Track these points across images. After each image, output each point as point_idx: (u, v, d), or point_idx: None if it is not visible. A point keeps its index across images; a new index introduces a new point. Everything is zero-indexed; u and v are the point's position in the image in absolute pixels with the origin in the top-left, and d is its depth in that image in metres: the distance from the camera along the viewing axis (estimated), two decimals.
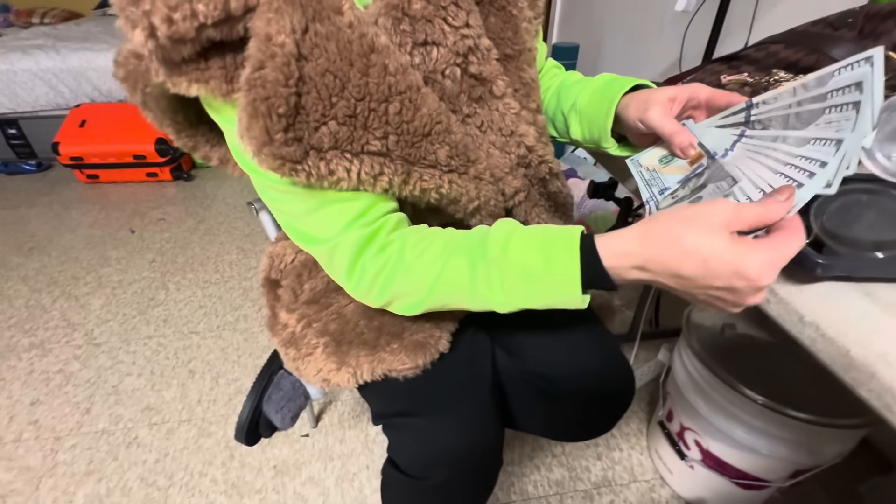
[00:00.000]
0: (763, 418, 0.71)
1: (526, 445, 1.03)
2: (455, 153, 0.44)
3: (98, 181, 2.19)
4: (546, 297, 0.38)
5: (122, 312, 1.42)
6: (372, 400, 0.58)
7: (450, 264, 0.41)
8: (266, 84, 0.33)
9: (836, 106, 0.36)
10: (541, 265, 0.37)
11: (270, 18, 0.32)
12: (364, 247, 0.43)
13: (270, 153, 0.35)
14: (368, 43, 0.36)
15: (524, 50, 0.50)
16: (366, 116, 0.38)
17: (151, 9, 0.30)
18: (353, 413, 1.11)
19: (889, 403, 0.29)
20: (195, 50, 0.33)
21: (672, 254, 0.32)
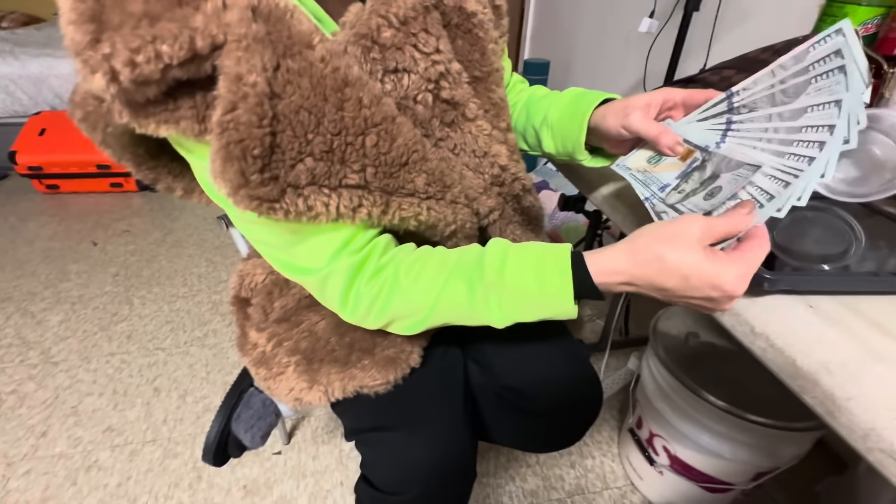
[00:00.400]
0: (725, 423, 0.74)
1: (501, 456, 1.03)
2: (432, 180, 0.44)
3: (58, 191, 2.10)
4: (541, 312, 0.41)
5: (83, 329, 1.36)
6: (344, 416, 0.57)
7: (448, 287, 0.42)
8: (239, 126, 0.32)
9: (821, 74, 0.37)
10: (536, 286, 0.40)
11: (240, 57, 0.31)
12: (356, 274, 0.43)
13: (246, 194, 0.34)
14: (342, 77, 0.36)
15: (492, 71, 0.50)
16: (343, 151, 0.37)
17: (112, 52, 0.28)
18: (326, 428, 1.09)
19: (831, 410, 0.32)
20: (161, 90, 0.31)
21: (656, 272, 0.36)
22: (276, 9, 0.32)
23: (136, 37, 0.28)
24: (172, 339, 1.33)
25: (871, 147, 0.49)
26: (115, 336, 1.34)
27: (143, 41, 0.28)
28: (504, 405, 0.58)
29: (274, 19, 0.32)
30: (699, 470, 0.83)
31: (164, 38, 0.29)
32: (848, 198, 0.50)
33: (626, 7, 1.56)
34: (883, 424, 0.29)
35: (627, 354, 1.28)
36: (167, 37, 0.29)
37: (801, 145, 0.38)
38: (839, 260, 0.43)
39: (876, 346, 0.33)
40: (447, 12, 0.46)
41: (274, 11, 0.32)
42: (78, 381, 1.19)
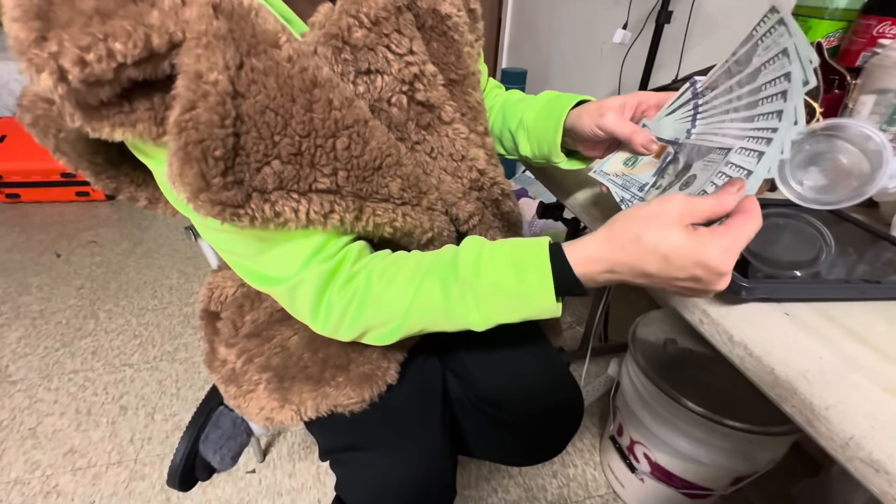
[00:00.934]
0: (703, 429, 0.75)
1: (482, 467, 1.02)
2: (407, 185, 0.43)
3: (19, 201, 2.01)
4: (522, 311, 0.38)
5: (44, 345, 1.29)
6: (319, 435, 0.55)
7: (422, 290, 0.39)
8: (199, 126, 0.30)
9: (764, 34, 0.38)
10: (514, 281, 0.37)
11: (200, 54, 0.29)
12: (328, 282, 0.40)
13: (208, 199, 0.32)
14: (310, 77, 0.35)
15: (468, 74, 0.50)
16: (312, 153, 0.36)
17: (59, 50, 0.26)
18: (303, 444, 1.06)
19: (810, 418, 0.31)
20: (115, 92, 0.29)
21: (635, 254, 0.33)
22: (238, 6, 0.31)
23: (87, 34, 0.27)
24: (141, 355, 1.27)
25: (838, 156, 0.50)
26: (79, 352, 1.27)
27: (94, 38, 0.27)
28: (484, 418, 0.57)
29: (237, 17, 0.31)
30: (679, 476, 0.83)
31: (118, 36, 0.27)
32: (817, 205, 0.51)
33: (601, 18, 1.59)
34: (861, 433, 0.28)
35: (608, 361, 1.29)
36: (120, 34, 0.27)
37: (765, 103, 0.37)
38: (810, 266, 0.44)
39: (852, 354, 0.33)
40: (421, 14, 0.45)
41: (237, 9, 0.31)
42: (37, 400, 1.13)
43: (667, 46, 1.24)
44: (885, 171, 0.46)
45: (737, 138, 0.39)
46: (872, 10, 0.61)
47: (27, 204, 2.02)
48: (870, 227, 0.50)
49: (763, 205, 0.53)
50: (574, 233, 1.15)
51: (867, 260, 0.46)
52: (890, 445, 0.27)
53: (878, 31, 0.61)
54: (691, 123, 0.45)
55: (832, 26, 0.66)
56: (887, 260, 0.45)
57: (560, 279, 0.36)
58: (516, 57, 2.33)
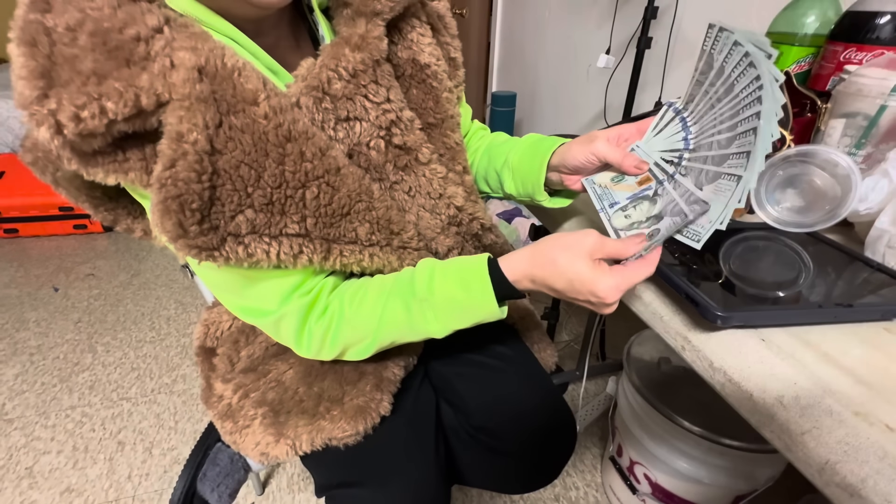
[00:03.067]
0: (701, 448, 0.75)
1: (483, 493, 1.01)
2: (377, 228, 0.45)
3: (17, 236, 2.02)
4: (473, 317, 0.45)
5: (41, 381, 1.29)
6: (314, 470, 0.55)
7: (388, 309, 0.45)
8: (178, 182, 0.33)
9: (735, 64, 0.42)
10: (463, 294, 0.43)
11: (182, 116, 0.32)
12: (307, 314, 0.45)
13: (185, 244, 0.35)
14: (284, 133, 0.37)
15: (446, 117, 0.52)
16: (283, 203, 0.39)
17: (58, 107, 0.29)
18: (302, 475, 1.05)
19: (788, 444, 0.32)
20: (107, 142, 0.32)
21: (549, 273, 0.41)
22: (222, 69, 0.34)
23: (83, 94, 0.29)
24: (138, 388, 1.27)
25: (813, 178, 0.52)
26: (76, 387, 1.27)
27: (89, 97, 0.29)
28: (478, 447, 0.57)
29: (220, 78, 0.34)
30: (680, 497, 0.83)
31: (110, 96, 0.30)
32: (794, 228, 0.52)
33: (585, 43, 1.64)
34: (836, 458, 0.29)
35: (606, 379, 1.29)
36: (112, 94, 0.30)
37: (745, 110, 0.40)
38: (791, 287, 0.45)
39: (825, 379, 0.34)
40: (401, 65, 0.49)
41: (220, 71, 0.34)
42: (34, 438, 1.12)
43: (649, 69, 1.28)
44: (854, 195, 0.48)
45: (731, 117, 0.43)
46: (839, 37, 0.64)
47: (25, 238, 2.03)
48: (844, 248, 0.51)
49: (742, 228, 0.55)
50: None
51: (844, 280, 0.48)
52: (862, 470, 0.28)
53: (844, 56, 0.64)
54: (685, 131, 0.48)
55: (802, 52, 0.69)
56: (862, 280, 0.46)
57: (499, 287, 0.43)
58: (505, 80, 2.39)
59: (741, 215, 0.60)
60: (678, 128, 0.49)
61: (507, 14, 2.26)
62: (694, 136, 0.48)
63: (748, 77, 0.40)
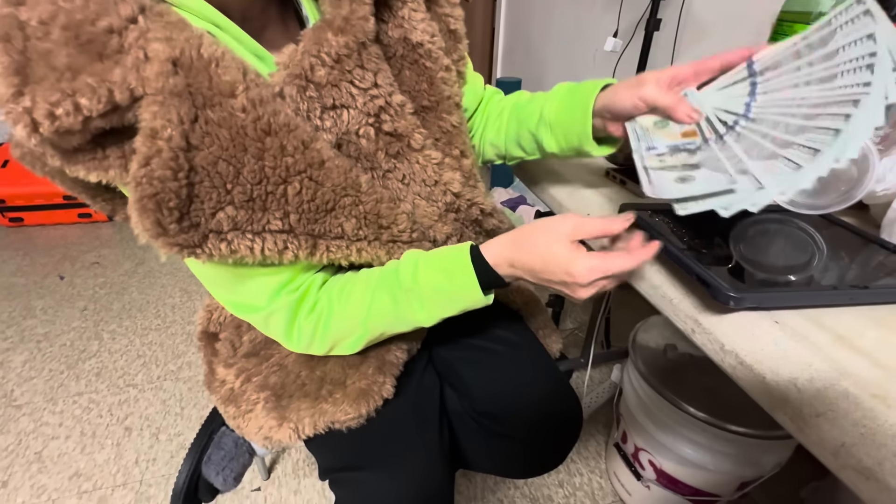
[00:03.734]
0: (707, 434, 0.74)
1: (488, 479, 1.01)
2: (364, 223, 0.44)
3: (22, 224, 2.03)
4: (458, 305, 0.45)
5: (48, 368, 1.30)
6: (318, 454, 0.55)
7: (375, 301, 0.45)
8: (153, 181, 0.32)
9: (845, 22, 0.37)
10: (446, 282, 0.43)
11: (156, 112, 0.31)
12: (297, 310, 0.45)
13: (166, 242, 0.34)
14: (263, 126, 0.36)
15: (442, 99, 0.50)
16: (264, 199, 0.38)
17: (32, 105, 0.29)
18: (308, 460, 1.05)
19: (801, 427, 0.32)
20: (86, 139, 0.32)
21: (527, 255, 0.41)
22: (198, 60, 0.33)
23: (56, 90, 0.29)
24: (144, 375, 1.28)
25: None
26: (83, 374, 1.28)
27: (63, 94, 0.29)
28: (483, 432, 0.57)
29: (195, 70, 0.33)
30: (685, 483, 0.82)
31: (84, 92, 0.29)
32: (807, 210, 0.51)
33: (592, 26, 1.60)
34: (851, 441, 0.29)
35: (610, 367, 1.28)
36: (86, 90, 0.29)
37: (846, 74, 0.37)
38: (804, 270, 0.44)
39: (841, 361, 0.33)
40: (391, 45, 0.46)
41: (196, 63, 0.33)
42: (43, 424, 1.13)
43: (657, 53, 1.25)
44: (872, 175, 0.46)
45: (814, 106, 0.40)
46: None
47: (31, 227, 2.04)
48: (860, 231, 0.50)
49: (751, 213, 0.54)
50: None
51: (859, 263, 0.46)
52: (879, 452, 0.27)
53: None
54: (750, 97, 0.44)
55: None
56: (877, 263, 0.45)
57: (483, 275, 0.43)
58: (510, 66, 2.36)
59: None
60: (745, 90, 0.44)
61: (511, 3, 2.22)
62: (759, 106, 0.44)
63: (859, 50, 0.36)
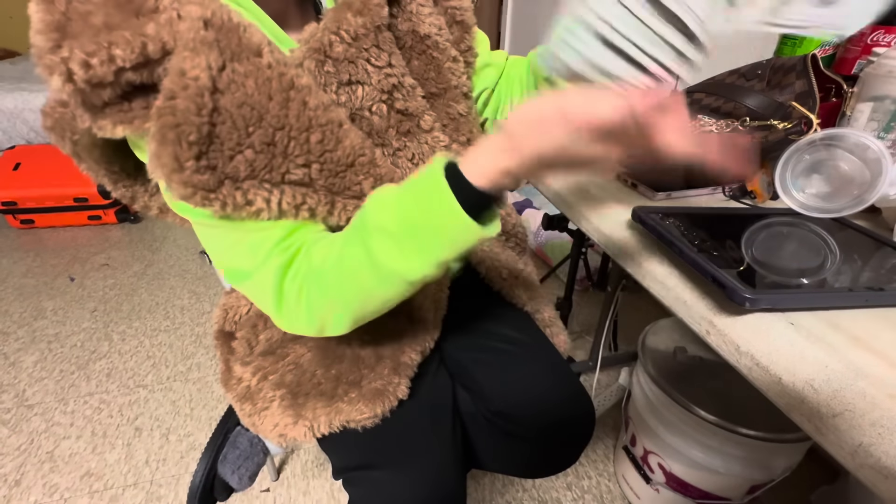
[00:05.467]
0: (717, 437, 0.74)
1: (496, 481, 1.02)
2: (381, 185, 0.44)
3: (33, 226, 2.05)
4: (443, 240, 0.35)
5: (59, 369, 1.31)
6: (331, 453, 0.56)
7: (346, 255, 0.38)
8: (176, 112, 0.33)
9: None
10: (418, 211, 0.35)
11: (185, 56, 0.33)
12: (283, 273, 0.40)
13: (181, 181, 0.34)
14: (288, 81, 0.37)
15: (449, 87, 0.52)
16: (285, 144, 0.38)
17: (69, 55, 0.30)
18: (316, 461, 1.06)
19: (819, 427, 0.32)
20: (116, 94, 0.33)
21: (518, 128, 0.32)
22: (228, 21, 0.34)
23: (93, 42, 0.31)
24: (154, 375, 1.29)
25: (840, 163, 0.51)
26: (94, 375, 1.29)
27: (99, 45, 0.30)
28: (496, 432, 0.57)
29: (225, 30, 0.34)
30: (695, 486, 0.82)
31: (118, 43, 0.31)
32: (819, 213, 0.52)
33: None
34: (869, 441, 0.29)
35: (618, 370, 1.28)
36: (120, 42, 0.31)
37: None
38: (816, 273, 0.45)
39: (857, 362, 0.33)
40: (401, 36, 0.49)
41: (226, 23, 0.34)
42: (54, 424, 1.14)
43: None
44: (885, 179, 0.47)
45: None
46: None
47: (41, 229, 2.06)
48: (873, 234, 0.50)
49: (766, 214, 0.54)
50: (580, 242, 1.16)
51: (871, 266, 0.47)
52: None
53: (871, 39, 0.62)
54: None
55: None
56: (891, 266, 0.45)
57: (463, 192, 0.33)
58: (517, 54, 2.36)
59: (764, 201, 0.59)
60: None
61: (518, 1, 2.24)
62: None
63: None
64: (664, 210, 0.53)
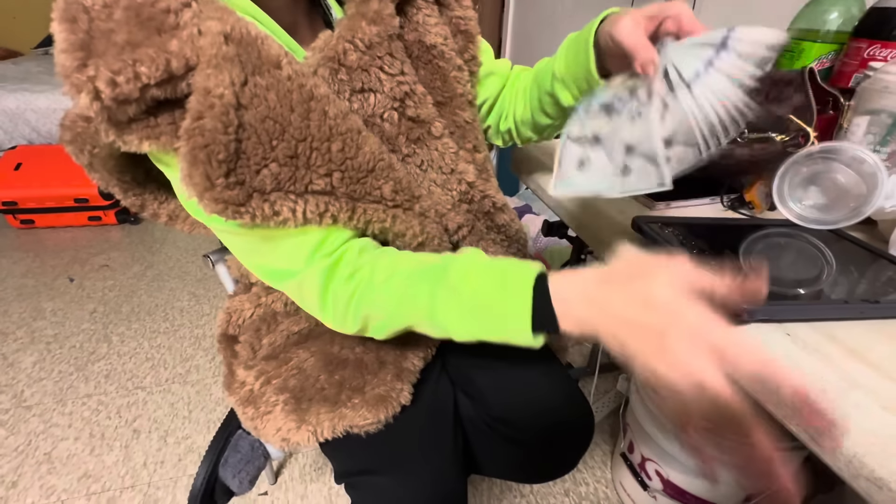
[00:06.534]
0: None
1: (494, 487, 1.02)
2: (400, 188, 0.46)
3: (33, 226, 2.05)
4: (497, 329, 0.37)
5: (58, 370, 1.31)
6: (334, 457, 0.56)
7: (412, 288, 0.41)
8: (205, 132, 0.34)
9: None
10: (496, 303, 0.36)
11: (209, 74, 0.33)
12: (330, 276, 0.43)
13: (212, 198, 0.35)
14: (307, 92, 0.38)
15: (455, 95, 0.53)
16: (308, 156, 0.39)
17: (96, 74, 0.31)
18: (314, 466, 1.06)
19: (814, 437, 0.32)
20: (141, 109, 0.34)
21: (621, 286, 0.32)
22: (247, 35, 0.35)
23: (118, 60, 0.31)
24: (153, 377, 1.29)
25: (837, 176, 0.52)
26: (93, 376, 1.29)
27: (124, 64, 0.31)
28: (496, 437, 0.57)
29: (245, 43, 0.35)
30: (692, 493, 0.83)
31: (143, 61, 0.32)
32: (817, 225, 0.52)
33: None
34: (864, 451, 0.29)
35: (616, 377, 1.29)
36: (145, 59, 0.32)
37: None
38: (813, 284, 0.45)
39: (852, 373, 0.34)
40: (408, 46, 0.50)
41: (245, 37, 0.35)
42: (52, 425, 1.14)
43: None
44: (881, 192, 0.48)
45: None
46: (863, 34, 0.63)
47: (41, 230, 2.06)
48: (869, 246, 0.51)
49: (763, 225, 0.55)
50: (580, 249, 1.17)
51: (868, 278, 0.48)
52: (892, 463, 0.28)
53: (868, 53, 0.63)
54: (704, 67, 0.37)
55: (824, 49, 0.68)
56: (887, 278, 0.46)
57: (540, 309, 0.34)
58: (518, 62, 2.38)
59: (762, 212, 0.60)
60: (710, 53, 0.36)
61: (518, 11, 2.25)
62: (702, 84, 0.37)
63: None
64: (663, 219, 0.53)
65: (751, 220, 0.59)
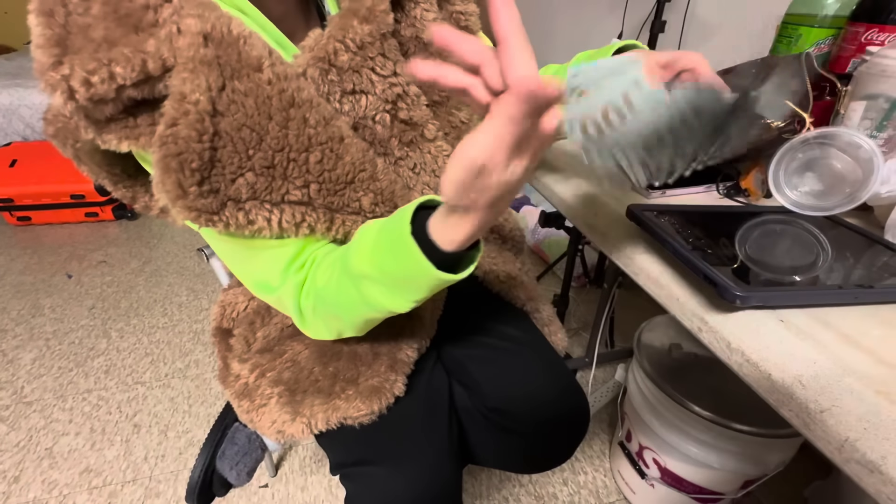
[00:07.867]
0: (711, 433, 0.75)
1: (493, 477, 1.02)
2: (380, 199, 0.45)
3: (30, 223, 2.05)
4: (423, 287, 0.37)
5: (58, 366, 1.31)
6: (329, 449, 0.56)
7: (342, 289, 0.40)
8: (178, 140, 0.33)
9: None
10: (396, 266, 0.36)
11: (185, 77, 0.32)
12: (300, 291, 0.44)
13: (185, 206, 0.35)
14: (288, 98, 0.37)
15: (451, 95, 0.51)
16: (284, 167, 0.39)
17: (70, 73, 0.30)
18: (315, 457, 1.07)
19: (806, 422, 0.32)
20: (119, 109, 0.33)
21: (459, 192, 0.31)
22: (228, 35, 0.34)
23: (94, 59, 0.31)
24: (152, 372, 1.29)
25: (832, 162, 0.51)
26: (92, 372, 1.29)
27: (99, 63, 0.30)
28: (492, 427, 0.58)
29: (225, 44, 0.34)
30: (689, 481, 0.83)
31: (118, 61, 0.31)
32: (813, 211, 0.52)
33: (597, 28, 1.61)
34: (856, 436, 0.29)
35: (614, 367, 1.29)
36: (121, 59, 0.31)
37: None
38: (809, 271, 0.45)
39: (845, 359, 0.34)
40: (405, 42, 0.48)
41: (226, 38, 0.34)
42: (53, 420, 1.15)
43: None
44: (877, 178, 0.47)
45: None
46: (860, 18, 0.63)
47: (38, 226, 2.06)
48: (864, 232, 0.51)
49: (759, 212, 0.55)
50: (577, 240, 1.17)
51: (863, 264, 0.47)
52: (883, 447, 0.28)
53: (865, 37, 0.62)
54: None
55: (822, 33, 0.68)
56: (882, 264, 0.46)
57: (435, 256, 0.34)
58: None
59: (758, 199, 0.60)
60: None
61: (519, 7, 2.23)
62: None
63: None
64: (659, 208, 0.53)
65: (747, 207, 0.58)
